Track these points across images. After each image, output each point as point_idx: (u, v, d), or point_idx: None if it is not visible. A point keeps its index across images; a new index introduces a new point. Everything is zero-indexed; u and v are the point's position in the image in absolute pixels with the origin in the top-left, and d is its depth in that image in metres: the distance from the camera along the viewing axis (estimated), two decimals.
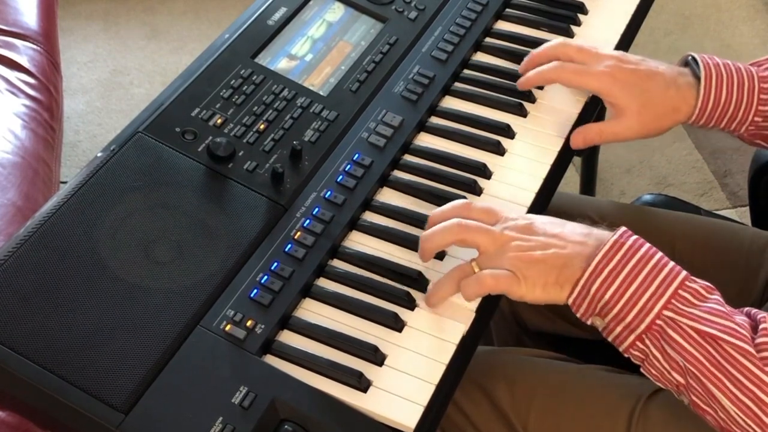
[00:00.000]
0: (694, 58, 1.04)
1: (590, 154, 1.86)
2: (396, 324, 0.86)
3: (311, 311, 0.87)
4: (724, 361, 0.77)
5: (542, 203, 1.00)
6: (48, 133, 1.47)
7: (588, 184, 1.97)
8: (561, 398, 0.98)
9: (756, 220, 1.31)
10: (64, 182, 0.92)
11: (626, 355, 0.84)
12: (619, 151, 2.19)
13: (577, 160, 1.94)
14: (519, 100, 1.07)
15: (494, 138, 1.03)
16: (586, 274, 0.82)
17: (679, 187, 2.16)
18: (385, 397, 0.81)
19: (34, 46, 1.59)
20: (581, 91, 1.08)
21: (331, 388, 0.80)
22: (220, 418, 0.75)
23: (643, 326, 0.81)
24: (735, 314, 0.80)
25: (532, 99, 1.09)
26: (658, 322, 0.80)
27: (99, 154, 0.90)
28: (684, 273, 0.82)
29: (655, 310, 0.80)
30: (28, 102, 1.48)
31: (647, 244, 0.84)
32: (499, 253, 0.85)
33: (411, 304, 0.88)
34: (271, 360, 0.82)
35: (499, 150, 1.03)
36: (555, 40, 1.06)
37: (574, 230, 0.86)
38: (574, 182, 2.01)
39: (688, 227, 1.17)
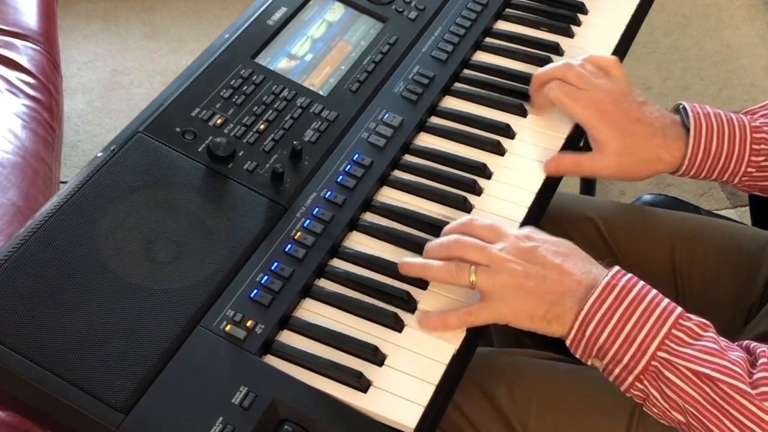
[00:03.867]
0: (684, 108, 1.01)
1: None
2: (396, 324, 0.86)
3: (311, 311, 0.87)
4: (721, 401, 0.77)
5: (542, 203, 1.00)
6: (48, 133, 1.47)
7: (588, 184, 1.97)
8: (561, 398, 0.98)
9: (756, 220, 1.31)
10: (64, 182, 0.92)
11: (627, 395, 0.84)
12: None
13: None
14: (519, 100, 1.07)
15: (494, 138, 1.03)
16: (580, 318, 0.82)
17: (679, 186, 2.16)
18: (385, 397, 0.81)
19: (34, 46, 1.59)
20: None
21: (331, 388, 0.80)
22: (220, 419, 0.75)
23: (640, 367, 0.81)
24: (730, 350, 0.80)
25: None
26: (654, 363, 0.80)
27: (99, 154, 0.90)
28: (678, 311, 0.82)
29: (650, 351, 0.80)
30: (28, 102, 1.48)
31: (640, 283, 0.83)
32: (493, 272, 0.85)
33: (411, 305, 0.88)
34: (271, 360, 0.82)
35: (499, 150, 1.03)
36: (559, 62, 1.04)
37: (575, 265, 0.85)
38: (574, 182, 2.01)
39: (688, 227, 1.17)
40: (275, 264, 0.87)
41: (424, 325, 0.86)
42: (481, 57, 1.14)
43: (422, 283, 0.90)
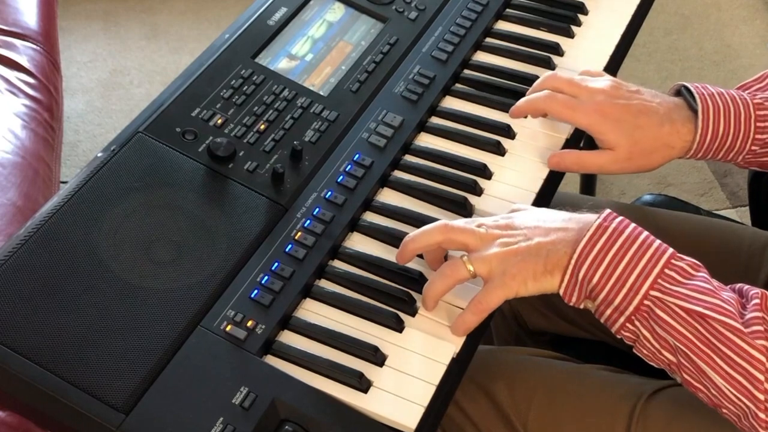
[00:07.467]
0: (687, 89, 1.00)
1: None
2: (396, 324, 0.86)
3: (312, 311, 0.87)
4: (713, 338, 0.77)
5: (542, 204, 1.00)
6: (48, 133, 1.47)
7: (588, 184, 1.97)
8: (561, 398, 0.98)
9: (756, 220, 1.31)
10: (64, 182, 0.92)
11: (618, 336, 0.84)
12: None
13: None
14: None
15: (494, 138, 1.03)
16: (573, 260, 0.82)
17: (679, 187, 2.16)
18: (385, 397, 0.81)
19: (34, 46, 1.59)
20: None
21: (331, 388, 0.80)
22: (221, 419, 0.75)
23: (631, 308, 0.81)
24: (722, 290, 0.80)
25: None
26: (646, 302, 0.80)
27: (99, 154, 0.90)
28: (670, 251, 0.82)
29: (643, 290, 0.80)
30: (28, 102, 1.48)
31: (632, 225, 0.84)
32: (485, 251, 0.85)
33: (412, 305, 0.88)
34: (271, 360, 0.82)
35: (500, 150, 1.03)
36: (545, 74, 1.03)
37: (554, 218, 0.86)
38: (574, 182, 2.01)
39: (688, 227, 1.17)
40: (276, 264, 0.87)
41: (455, 333, 0.86)
42: (482, 57, 1.14)
43: (422, 286, 0.89)
